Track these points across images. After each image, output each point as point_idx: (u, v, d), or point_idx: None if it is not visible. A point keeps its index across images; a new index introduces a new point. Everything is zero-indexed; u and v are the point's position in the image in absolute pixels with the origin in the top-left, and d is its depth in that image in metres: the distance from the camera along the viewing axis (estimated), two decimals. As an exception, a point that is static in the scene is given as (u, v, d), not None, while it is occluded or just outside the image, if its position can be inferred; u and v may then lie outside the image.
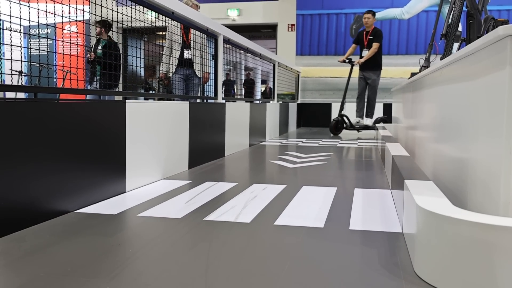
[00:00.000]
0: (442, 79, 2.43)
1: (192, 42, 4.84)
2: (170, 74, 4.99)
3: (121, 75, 3.65)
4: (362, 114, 7.66)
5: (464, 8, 3.40)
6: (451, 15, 3.61)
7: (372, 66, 7.51)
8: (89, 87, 5.41)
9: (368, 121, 7.63)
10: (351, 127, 7.68)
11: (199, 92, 5.03)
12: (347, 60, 7.71)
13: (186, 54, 4.97)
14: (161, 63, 5.01)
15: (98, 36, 5.67)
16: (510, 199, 1.40)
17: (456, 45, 3.70)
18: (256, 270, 1.53)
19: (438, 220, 1.38)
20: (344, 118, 7.65)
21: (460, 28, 3.58)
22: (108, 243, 1.81)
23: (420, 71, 4.33)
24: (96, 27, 5.72)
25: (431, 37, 4.73)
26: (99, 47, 5.65)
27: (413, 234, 1.60)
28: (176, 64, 4.88)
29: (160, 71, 5.04)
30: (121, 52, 5.43)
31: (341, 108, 7.71)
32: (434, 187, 1.82)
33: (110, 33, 5.76)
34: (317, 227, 2.09)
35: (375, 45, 7.41)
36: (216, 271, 1.52)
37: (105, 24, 5.64)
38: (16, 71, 4.06)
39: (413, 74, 4.39)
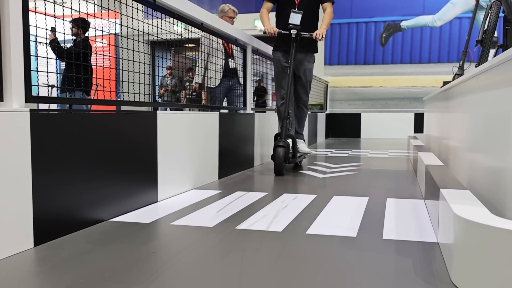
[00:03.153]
0: (478, 86, 2.39)
1: (234, 50, 4.88)
2: (207, 85, 4.99)
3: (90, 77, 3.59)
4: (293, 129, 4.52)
5: (501, 14, 3.35)
6: (487, 21, 3.55)
7: (310, 46, 4.45)
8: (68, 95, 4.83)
9: (301, 145, 4.64)
10: (293, 157, 4.30)
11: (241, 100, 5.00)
12: (287, 32, 4.26)
13: (231, 64, 5.00)
14: (196, 75, 5.05)
15: (75, 37, 5.32)
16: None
17: (492, 52, 3.63)
18: (289, 279, 1.53)
19: (476, 229, 1.35)
20: (289, 140, 4.21)
21: (496, 34, 3.52)
22: (143, 250, 1.84)
23: (454, 79, 4.27)
24: (72, 27, 5.31)
25: (465, 44, 4.65)
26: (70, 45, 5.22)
27: (450, 243, 1.57)
28: (221, 75, 4.88)
29: (194, 83, 5.08)
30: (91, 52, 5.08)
31: (286, 111, 4.18)
32: (471, 196, 1.78)
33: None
34: (349, 236, 2.07)
35: (329, 6, 4.36)
36: (249, 280, 1.52)
37: (81, 23, 5.22)
38: (49, 85, 4.17)
39: (445, 83, 4.32)
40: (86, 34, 5.43)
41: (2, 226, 1.72)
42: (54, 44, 5.16)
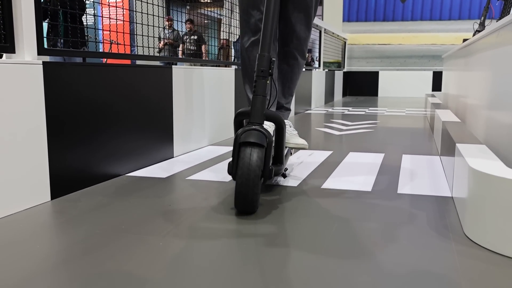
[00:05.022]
0: (499, 41, 2.32)
1: None
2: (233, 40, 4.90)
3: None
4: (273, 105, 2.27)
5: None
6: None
7: None
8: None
9: (293, 137, 2.30)
10: (277, 163, 1.99)
11: None
12: None
13: None
14: (222, 32, 4.97)
15: None
16: None
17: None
18: (304, 230, 1.55)
19: (491, 182, 1.34)
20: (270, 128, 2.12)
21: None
22: (159, 203, 1.87)
23: (474, 35, 4.15)
24: None
25: (487, -1, 4.50)
26: None
27: (464, 197, 1.57)
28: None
29: (222, 39, 5.00)
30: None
31: (267, 59, 1.84)
32: (487, 150, 1.76)
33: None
34: (364, 191, 2.08)
35: None
36: (264, 231, 1.54)
37: None
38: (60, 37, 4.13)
39: (465, 40, 4.21)
40: None
41: (18, 179, 1.76)
42: None
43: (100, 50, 6.59)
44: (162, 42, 8.26)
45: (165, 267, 1.25)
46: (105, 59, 3.64)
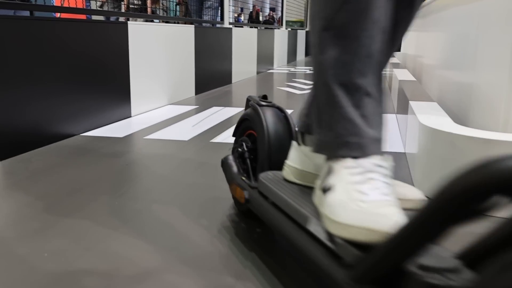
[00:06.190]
0: (452, 2, 2.35)
1: None
2: None
3: None
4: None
5: None
6: None
7: None
8: None
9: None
10: None
11: (218, 13, 4.77)
12: None
13: None
14: None
15: None
16: (509, 118, 1.39)
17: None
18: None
19: (439, 136, 1.38)
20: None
21: None
22: (116, 163, 1.85)
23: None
24: None
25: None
26: None
27: (414, 152, 1.61)
28: None
29: None
30: None
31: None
32: (437, 107, 1.81)
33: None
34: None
35: None
36: (224, 190, 1.55)
37: None
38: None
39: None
40: None
41: (-30, 139, 1.70)
42: None
43: (53, 4, 6.32)
44: None
45: (121, 226, 1.24)
46: (59, 14, 3.50)
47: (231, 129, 2.48)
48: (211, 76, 4.13)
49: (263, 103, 1.27)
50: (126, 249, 1.11)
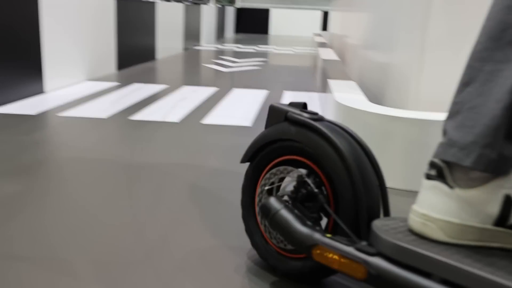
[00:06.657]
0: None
1: None
2: None
3: None
4: None
5: None
6: None
7: None
8: None
9: None
10: None
11: None
12: None
13: None
14: None
15: None
16: (420, 97, 1.45)
17: None
18: (183, 162, 1.54)
19: (352, 114, 1.41)
20: None
21: None
22: (25, 141, 1.74)
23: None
24: None
25: None
26: None
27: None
28: None
29: None
30: None
31: None
32: (355, 86, 1.85)
33: None
34: (244, 126, 2.10)
35: None
36: (141, 163, 1.51)
37: None
38: None
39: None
40: None
41: None
42: None
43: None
44: None
45: (23, 209, 1.18)
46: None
47: (153, 106, 2.42)
48: (134, 52, 3.99)
49: (314, 118, 0.86)
50: (24, 232, 1.05)
